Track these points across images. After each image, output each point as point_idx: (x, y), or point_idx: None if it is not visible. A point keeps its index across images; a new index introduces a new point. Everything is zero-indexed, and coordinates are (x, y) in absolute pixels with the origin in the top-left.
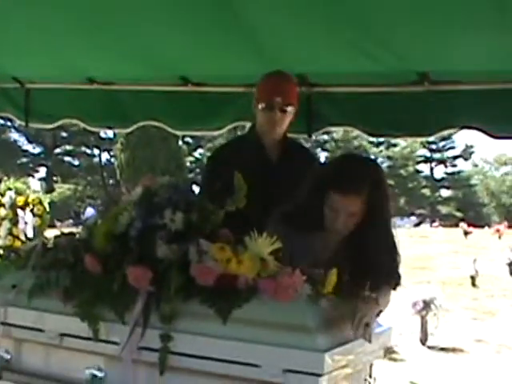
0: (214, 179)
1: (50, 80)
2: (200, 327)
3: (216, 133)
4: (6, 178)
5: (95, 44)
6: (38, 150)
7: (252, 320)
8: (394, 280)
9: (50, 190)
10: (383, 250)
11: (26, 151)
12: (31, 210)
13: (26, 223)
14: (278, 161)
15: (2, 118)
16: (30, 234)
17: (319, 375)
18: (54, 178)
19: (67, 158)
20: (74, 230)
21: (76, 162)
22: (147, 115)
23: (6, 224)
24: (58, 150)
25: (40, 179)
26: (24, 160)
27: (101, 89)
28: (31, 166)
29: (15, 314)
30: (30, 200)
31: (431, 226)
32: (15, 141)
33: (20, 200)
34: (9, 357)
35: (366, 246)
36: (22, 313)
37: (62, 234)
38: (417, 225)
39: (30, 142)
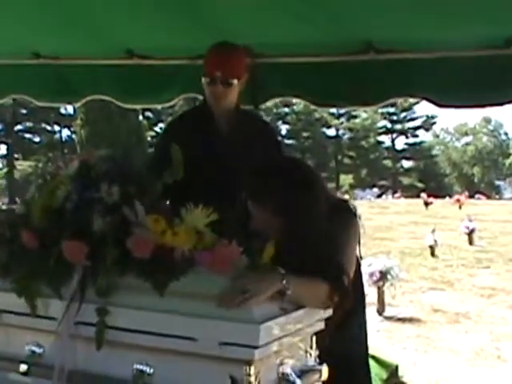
0: (161, 153)
1: None
2: (137, 301)
3: (163, 105)
4: None
5: (40, 18)
6: None
7: (188, 293)
8: (329, 277)
9: (10, 167)
10: (309, 249)
11: None
12: None
13: None
14: (228, 132)
15: None
16: None
17: (255, 347)
18: (15, 156)
19: (28, 135)
20: None
21: (37, 139)
22: (95, 89)
23: None
24: (18, 127)
25: (1, 157)
26: None
27: (47, 63)
28: None
29: None
30: None
31: (393, 197)
32: None
33: None
34: None
35: (288, 245)
36: None
37: (1, 209)
38: (379, 196)
39: None
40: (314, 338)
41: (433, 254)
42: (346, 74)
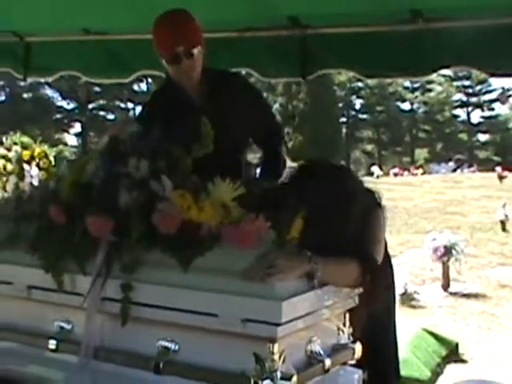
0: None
1: (47, 32)
2: (161, 276)
3: None
4: (12, 133)
5: None
6: (71, 105)
7: (212, 268)
8: (359, 256)
9: (85, 144)
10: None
11: (61, 107)
12: (37, 164)
13: (31, 177)
14: (202, 101)
15: None
16: None
17: (278, 325)
18: (90, 133)
19: (101, 113)
20: None
21: (110, 117)
22: (145, 64)
23: (13, 179)
24: (92, 105)
25: (76, 134)
26: (58, 116)
27: (97, 39)
28: (66, 121)
29: None
30: (35, 154)
31: (468, 171)
32: (49, 97)
33: (26, 154)
34: None
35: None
36: None
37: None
38: (454, 170)
39: (63, 97)
40: (348, 315)
41: (504, 229)
42: (395, 45)
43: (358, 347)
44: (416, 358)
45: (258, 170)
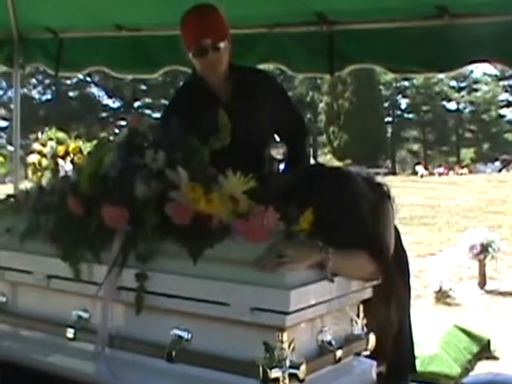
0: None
1: (80, 28)
2: (174, 266)
3: None
4: (47, 129)
5: None
6: (117, 104)
7: (222, 258)
8: (372, 249)
9: None
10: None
11: (106, 106)
12: (71, 160)
13: (66, 172)
14: (228, 98)
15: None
16: None
17: (286, 313)
18: None
19: (147, 111)
20: None
21: (156, 115)
22: (175, 59)
23: (48, 174)
24: (137, 104)
25: None
26: (104, 114)
27: (129, 35)
28: (111, 120)
29: (8, 257)
30: (70, 149)
31: None
32: (95, 96)
33: (61, 150)
34: (4, 300)
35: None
36: (15, 256)
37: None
38: (500, 170)
39: (109, 96)
40: (362, 306)
41: None
42: (422, 40)
43: (372, 338)
44: (446, 354)
45: (282, 166)
